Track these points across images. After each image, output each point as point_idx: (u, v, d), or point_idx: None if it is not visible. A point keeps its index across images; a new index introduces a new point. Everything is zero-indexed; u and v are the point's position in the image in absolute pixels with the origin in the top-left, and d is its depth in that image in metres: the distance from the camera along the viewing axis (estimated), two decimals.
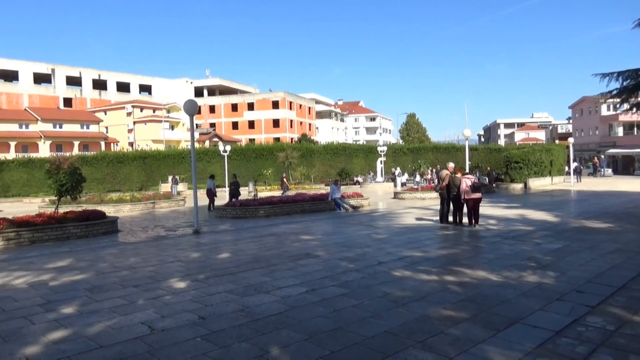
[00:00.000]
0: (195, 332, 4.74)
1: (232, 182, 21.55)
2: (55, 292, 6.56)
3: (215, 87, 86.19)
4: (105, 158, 38.17)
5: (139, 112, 67.77)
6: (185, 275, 7.35)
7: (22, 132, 58.35)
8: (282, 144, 46.02)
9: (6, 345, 4.54)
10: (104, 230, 12.73)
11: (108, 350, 4.34)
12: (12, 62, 67.11)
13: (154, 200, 22.77)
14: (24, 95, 67.11)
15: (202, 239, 11.48)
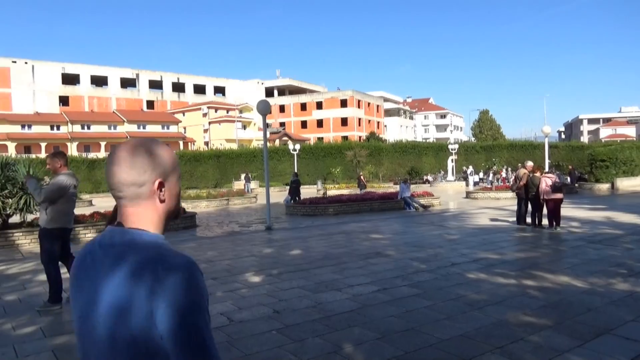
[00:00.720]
0: (270, 326, 4.90)
1: (293, 181, 21.42)
2: None
3: (285, 87, 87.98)
4: (183, 157, 40.22)
5: (213, 113, 70.72)
6: (260, 270, 7.60)
7: (111, 132, 62.93)
8: (350, 143, 46.11)
9: None
10: (183, 225, 13.45)
11: None
12: (102, 68, 72.53)
13: (228, 197, 23.70)
14: (113, 99, 72.33)
15: (274, 236, 11.80)
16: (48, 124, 60.11)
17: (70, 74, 69.59)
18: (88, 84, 71.42)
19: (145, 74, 76.07)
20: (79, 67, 70.56)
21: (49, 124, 60.16)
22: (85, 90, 71.04)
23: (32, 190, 5.64)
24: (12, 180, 11.65)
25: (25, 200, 11.51)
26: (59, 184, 5.63)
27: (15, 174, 11.79)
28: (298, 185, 21.11)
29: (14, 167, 11.97)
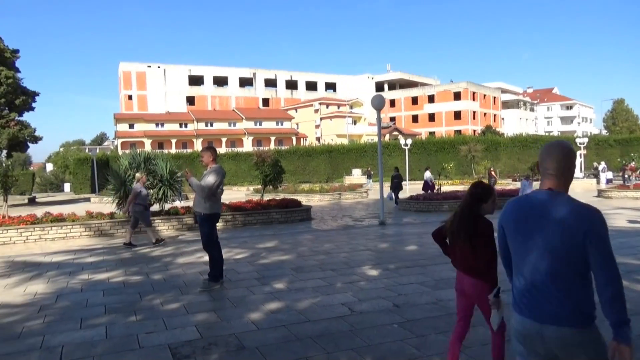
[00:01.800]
0: (391, 319, 4.95)
1: (394, 176, 20.60)
2: (267, 269, 7.51)
3: (395, 81, 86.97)
4: (296, 152, 41.79)
5: (325, 109, 72.31)
6: (376, 264, 7.68)
7: (231, 129, 67.39)
8: (464, 137, 44.29)
9: (235, 310, 5.38)
10: (300, 217, 14.03)
11: (316, 324, 4.82)
12: (223, 69, 77.84)
13: (340, 192, 24.16)
14: (232, 98, 77.34)
15: (387, 230, 11.81)
16: (177, 122, 66.13)
17: (195, 75, 75.76)
18: (211, 84, 77.12)
19: (261, 73, 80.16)
20: (203, 69, 76.45)
21: (178, 122, 66.16)
22: (208, 90, 76.81)
23: (196, 187, 6.35)
24: (153, 172, 13.06)
25: (164, 191, 12.85)
26: (214, 178, 6.32)
27: (155, 167, 13.20)
28: (400, 180, 20.54)
29: (154, 161, 13.41)
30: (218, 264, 6.45)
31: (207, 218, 6.42)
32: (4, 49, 24.80)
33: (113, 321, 5.11)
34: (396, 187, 19.93)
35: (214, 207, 6.46)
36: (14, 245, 11.01)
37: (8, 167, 13.63)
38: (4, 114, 24.81)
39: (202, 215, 6.41)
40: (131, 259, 8.81)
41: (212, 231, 6.47)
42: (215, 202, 6.48)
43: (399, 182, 20.31)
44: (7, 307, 5.82)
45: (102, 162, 33.62)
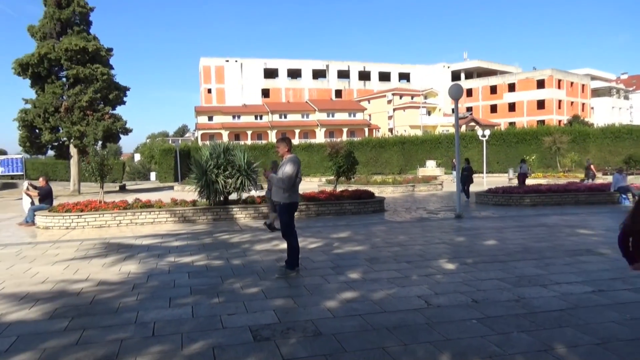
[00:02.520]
0: (470, 314, 4.83)
1: (465, 168, 19.12)
2: (341, 258, 7.59)
3: (473, 70, 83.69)
4: (369, 143, 41.58)
5: (398, 100, 71.24)
6: (453, 258, 7.50)
7: (304, 121, 68.35)
8: (548, 127, 41.68)
9: (311, 297, 5.51)
10: (372, 208, 14.00)
11: (391, 315, 4.81)
12: (297, 62, 79.03)
13: (413, 184, 23.77)
14: (305, 90, 78.39)
15: (464, 224, 11.47)
16: (253, 114, 68.18)
17: (270, 68, 77.58)
18: (285, 76, 78.62)
19: (334, 65, 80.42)
20: (278, 62, 78.06)
21: (253, 114, 68.21)
22: (282, 83, 78.39)
23: (277, 181, 6.55)
24: (232, 163, 13.58)
25: (242, 180, 13.32)
26: (291, 168, 6.49)
27: (233, 158, 13.72)
28: (470, 173, 19.11)
29: (233, 152, 13.93)
30: (295, 252, 6.61)
31: (285, 207, 6.59)
32: (99, 47, 26.80)
33: (198, 302, 5.42)
34: (466, 180, 18.66)
35: (292, 197, 6.62)
36: (109, 229, 11.96)
37: (104, 156, 14.81)
38: (99, 108, 26.86)
39: (281, 205, 6.59)
40: (212, 244, 9.27)
41: (290, 220, 6.63)
42: (293, 192, 6.64)
43: (469, 174, 19.02)
44: (105, 284, 6.37)
45: (184, 153, 35.47)
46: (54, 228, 12.02)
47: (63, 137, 26.67)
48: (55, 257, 8.28)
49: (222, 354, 3.95)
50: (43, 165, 41.48)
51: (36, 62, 25.52)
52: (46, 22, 26.60)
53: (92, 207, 12.48)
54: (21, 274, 7.07)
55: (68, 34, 26.75)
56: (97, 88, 26.23)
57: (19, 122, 26.23)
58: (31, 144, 26.80)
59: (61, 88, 26.37)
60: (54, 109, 25.89)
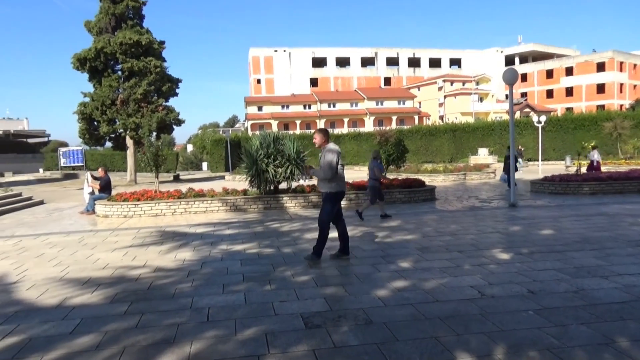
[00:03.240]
0: (526, 305, 4.66)
1: (508, 156, 17.62)
2: (392, 247, 7.52)
3: (527, 54, 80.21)
4: (419, 131, 40.85)
5: (449, 86, 69.47)
6: (507, 247, 7.26)
7: (353, 109, 68.05)
8: (609, 112, 39.31)
9: (362, 286, 5.49)
10: (423, 197, 13.77)
11: (444, 305, 4.72)
12: (345, 49, 78.54)
13: (465, 172, 23.17)
14: (354, 78, 77.88)
15: (519, 213, 11.06)
16: (301, 104, 68.55)
17: (318, 57, 77.50)
18: (333, 65, 78.34)
19: (383, 52, 79.34)
20: (326, 51, 77.85)
21: (302, 104, 68.57)
22: (331, 72, 78.18)
23: (319, 173, 6.59)
24: (281, 152, 13.72)
25: (291, 170, 13.45)
26: (332, 155, 6.49)
27: (283, 147, 13.85)
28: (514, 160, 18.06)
29: (282, 142, 14.07)
30: (323, 241, 6.65)
31: (332, 196, 6.60)
32: (152, 41, 27.70)
33: (250, 288, 5.53)
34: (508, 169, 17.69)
35: (339, 186, 6.62)
36: (164, 217, 12.42)
37: (158, 147, 15.36)
38: (153, 100, 27.83)
39: (328, 194, 6.60)
40: (263, 233, 9.43)
41: (333, 209, 6.63)
42: (339, 181, 6.63)
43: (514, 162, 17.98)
44: (162, 270, 6.62)
45: (235, 143, 36.22)
46: (112, 216, 12.62)
47: (119, 129, 27.84)
48: (114, 244, 8.69)
49: (275, 340, 4.02)
50: (101, 157, 43.57)
51: (93, 57, 26.68)
52: (101, 17, 27.73)
53: (147, 197, 12.99)
54: (84, 260, 7.48)
55: (122, 28, 27.78)
56: (151, 80, 27.15)
57: (79, 115, 27.59)
58: (90, 136, 28.15)
59: (117, 81, 27.49)
60: (111, 102, 27.04)
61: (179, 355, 3.81)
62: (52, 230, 10.86)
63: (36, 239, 9.66)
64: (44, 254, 8.12)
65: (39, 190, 24.75)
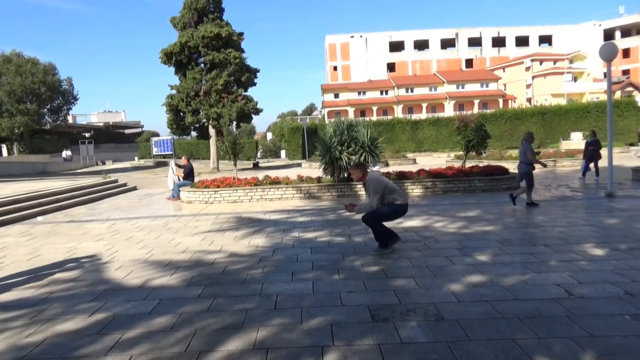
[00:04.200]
0: (622, 308, 4.17)
1: (590, 142, 16.11)
2: (469, 239, 7.12)
3: (631, 26, 72.62)
4: (503, 115, 38.69)
5: (537, 66, 65.03)
6: (602, 242, 6.59)
7: (432, 94, 65.99)
8: None
9: (435, 279, 5.24)
10: (506, 185, 12.98)
11: (524, 304, 4.35)
12: (423, 32, 76.09)
13: (555, 158, 21.58)
14: (433, 61, 75.32)
15: (617, 204, 10.04)
16: (378, 90, 67.61)
17: (396, 41, 75.79)
18: (411, 48, 76.22)
19: (464, 32, 75.85)
20: (403, 34, 75.90)
21: (379, 90, 67.62)
22: (408, 56, 76.16)
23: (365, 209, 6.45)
24: (355, 139, 13.56)
25: (365, 157, 13.26)
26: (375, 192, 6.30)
27: (357, 134, 13.68)
28: (597, 147, 15.95)
29: (356, 129, 13.90)
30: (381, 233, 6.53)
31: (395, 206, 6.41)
32: (232, 33, 28.54)
33: (319, 277, 5.49)
34: (593, 155, 15.71)
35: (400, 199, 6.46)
36: (242, 204, 12.79)
37: (236, 136, 15.83)
38: (233, 90, 28.77)
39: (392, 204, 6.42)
40: (335, 221, 9.37)
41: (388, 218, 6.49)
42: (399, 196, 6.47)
43: (596, 149, 15.87)
44: (236, 255, 6.78)
45: (311, 131, 36.56)
46: (195, 202, 13.22)
47: (203, 119, 29.14)
48: (194, 229, 9.07)
49: (340, 331, 3.93)
50: (188, 145, 45.93)
51: (178, 51, 28.05)
52: (185, 12, 29.00)
53: (226, 184, 13.44)
54: (166, 244, 7.86)
55: (204, 22, 28.87)
56: (231, 71, 28.04)
57: (166, 106, 29.22)
58: (177, 126, 29.74)
59: (200, 73, 28.70)
60: (195, 93, 28.32)
61: (246, 341, 3.84)
62: (142, 215, 11.58)
63: (127, 223, 10.35)
64: (132, 236, 8.66)
65: (133, 177, 26.61)
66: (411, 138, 39.25)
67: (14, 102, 45.89)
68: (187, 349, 3.75)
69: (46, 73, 48.03)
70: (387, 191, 6.32)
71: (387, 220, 6.50)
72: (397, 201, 6.37)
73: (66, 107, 51.98)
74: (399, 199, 6.39)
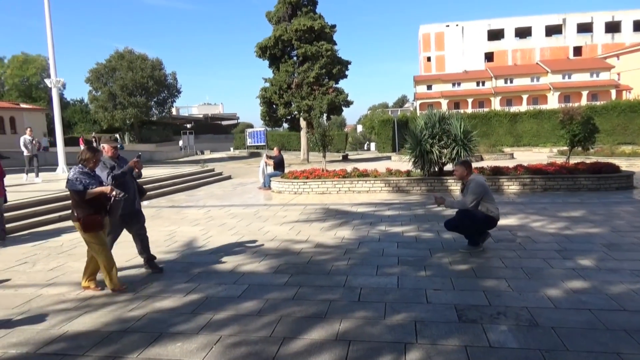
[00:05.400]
0: None
1: None
2: (570, 241, 6.58)
3: None
4: (615, 108, 35.13)
5: None
6: None
7: (533, 85, 61.87)
8: None
9: (529, 282, 4.91)
10: (616, 185, 11.80)
11: (633, 316, 3.93)
12: (526, 19, 71.31)
13: None
14: (536, 50, 70.44)
15: None
16: (474, 81, 64.65)
17: (494, 29, 71.79)
18: (512, 37, 71.76)
19: (572, 17, 69.94)
20: (503, 22, 71.65)
21: (475, 81, 64.65)
22: (508, 44, 71.82)
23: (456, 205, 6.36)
24: (447, 132, 13.08)
25: (457, 151, 12.75)
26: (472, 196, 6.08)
27: (449, 127, 13.20)
28: None
29: (449, 121, 13.41)
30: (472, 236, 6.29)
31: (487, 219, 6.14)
32: (324, 25, 28.81)
33: (404, 273, 5.38)
34: None
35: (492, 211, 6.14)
36: (329, 195, 12.92)
37: (326, 128, 16.00)
38: (324, 83, 29.09)
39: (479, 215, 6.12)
40: (424, 216, 9.14)
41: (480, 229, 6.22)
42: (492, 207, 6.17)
43: None
44: (322, 246, 6.87)
45: (402, 123, 35.93)
46: (284, 192, 13.59)
47: (294, 111, 29.81)
48: (283, 219, 9.33)
49: (424, 329, 3.82)
50: (280, 137, 47.30)
51: (272, 44, 28.87)
52: (280, 6, 29.75)
53: (315, 175, 13.65)
54: (256, 231, 8.18)
55: (297, 16, 29.41)
56: (322, 64, 28.34)
57: (260, 99, 30.28)
58: (269, 117, 30.73)
59: (292, 66, 29.34)
60: (287, 86, 29.03)
61: (328, 331, 3.87)
62: (234, 203, 12.15)
63: (221, 210, 10.92)
64: (225, 223, 9.12)
65: (229, 167, 28.00)
66: (509, 131, 37.05)
67: (126, 96, 50.39)
68: (272, 334, 3.87)
69: (154, 68, 52.09)
70: (485, 198, 6.09)
71: (476, 225, 6.19)
72: (491, 213, 6.11)
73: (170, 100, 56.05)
74: (493, 211, 6.12)
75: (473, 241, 6.25)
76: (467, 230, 6.27)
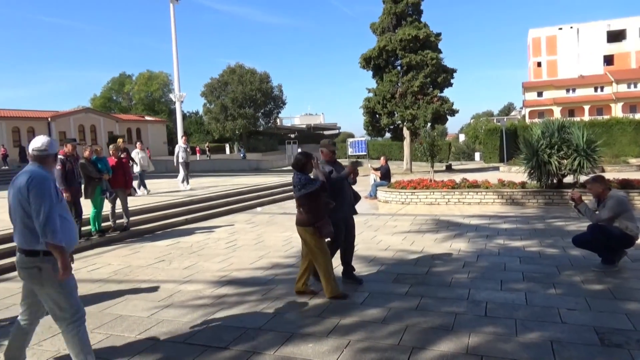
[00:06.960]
0: None
1: None
2: None
3: None
4: None
5: None
6: None
7: None
8: None
9: None
10: None
11: None
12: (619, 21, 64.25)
13: None
14: None
15: None
16: (591, 86, 59.61)
17: (615, 30, 65.56)
18: (636, 37, 65.05)
19: None
20: (625, 22, 65.20)
21: (592, 86, 59.60)
22: (632, 45, 65.19)
23: (590, 217, 5.88)
24: (567, 142, 12.25)
25: (579, 162, 11.89)
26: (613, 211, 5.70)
27: (569, 136, 12.35)
28: None
29: (569, 130, 12.56)
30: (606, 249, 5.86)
31: (622, 237, 5.71)
32: (429, 34, 28.39)
33: (531, 289, 5.16)
34: None
35: (631, 229, 5.69)
36: (438, 206, 12.69)
37: (434, 137, 15.76)
38: (428, 92, 28.60)
39: (615, 232, 5.71)
40: (544, 230, 8.64)
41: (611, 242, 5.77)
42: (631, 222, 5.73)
43: None
44: (438, 258, 6.80)
45: (510, 132, 34.13)
46: (391, 202, 13.59)
47: (397, 121, 29.64)
48: (394, 229, 9.36)
49: (562, 350, 3.66)
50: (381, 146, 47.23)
51: (376, 55, 29.03)
52: (384, 17, 29.87)
53: (423, 185, 13.49)
54: (369, 240, 8.30)
55: (402, 26, 29.31)
56: (427, 73, 27.92)
57: (364, 109, 30.55)
58: (372, 127, 30.86)
59: (396, 76, 29.26)
60: (390, 96, 28.99)
61: (457, 344, 3.85)
62: None
63: None
64: None
65: None
66: (634, 141, 33.51)
67: (236, 107, 53.70)
68: (399, 343, 3.94)
69: (262, 81, 54.99)
70: (625, 217, 5.68)
71: (610, 242, 5.75)
72: (630, 232, 5.65)
73: (276, 111, 58.67)
74: (633, 230, 5.67)
75: (608, 259, 5.81)
76: (600, 247, 5.84)
